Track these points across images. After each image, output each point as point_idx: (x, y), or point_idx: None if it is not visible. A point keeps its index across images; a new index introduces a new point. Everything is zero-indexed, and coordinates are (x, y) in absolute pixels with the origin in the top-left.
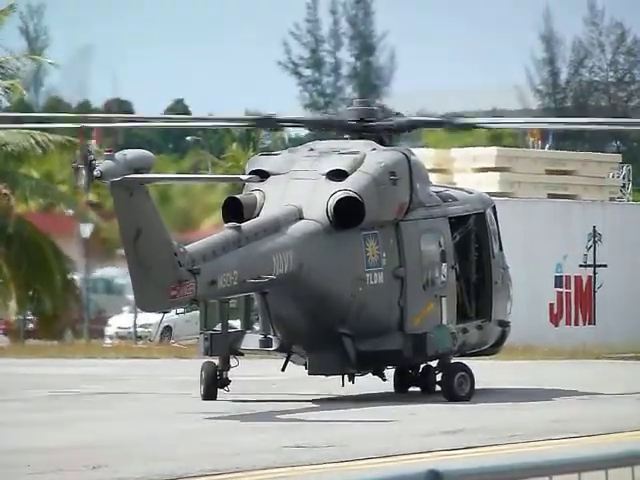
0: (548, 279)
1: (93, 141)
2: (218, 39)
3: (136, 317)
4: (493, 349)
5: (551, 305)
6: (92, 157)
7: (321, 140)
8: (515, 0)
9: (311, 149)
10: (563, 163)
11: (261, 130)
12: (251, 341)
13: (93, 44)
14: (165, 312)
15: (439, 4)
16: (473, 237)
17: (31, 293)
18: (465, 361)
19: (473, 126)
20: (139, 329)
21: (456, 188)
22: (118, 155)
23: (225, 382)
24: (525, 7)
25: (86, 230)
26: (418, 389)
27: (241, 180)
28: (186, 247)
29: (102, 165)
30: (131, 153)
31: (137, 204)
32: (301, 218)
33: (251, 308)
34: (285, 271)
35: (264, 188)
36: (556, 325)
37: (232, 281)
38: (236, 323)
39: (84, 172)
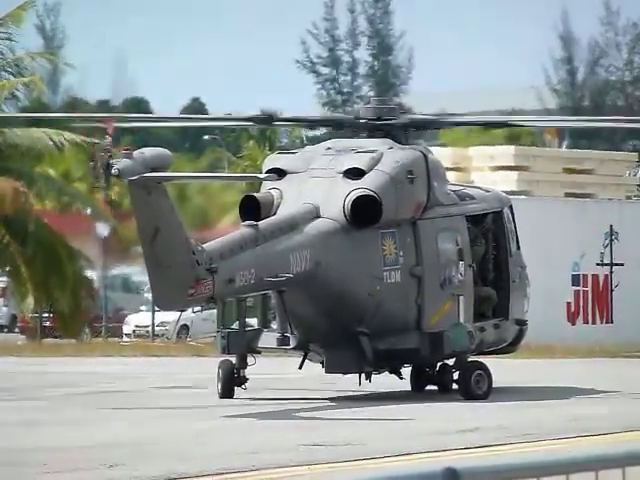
0: (565, 277)
1: (110, 139)
2: (235, 37)
3: (154, 315)
4: (510, 347)
5: (568, 304)
6: (109, 155)
7: (338, 139)
8: (532, 0)
9: (328, 147)
10: (580, 162)
11: (278, 128)
12: (268, 339)
13: (111, 44)
14: (182, 310)
15: (456, 4)
16: (490, 236)
17: (48, 291)
18: (482, 359)
19: (487, 124)
20: (157, 327)
21: (473, 187)
22: (136, 154)
23: (242, 380)
24: (542, 7)
25: (104, 229)
26: (435, 387)
27: (259, 179)
28: (204, 245)
29: (120, 163)
30: (149, 152)
31: (155, 203)
32: (318, 216)
33: (268, 306)
34: (302, 269)
35: (281, 186)
36: (573, 324)
37: (249, 279)
38: (253, 321)
39: (102, 170)
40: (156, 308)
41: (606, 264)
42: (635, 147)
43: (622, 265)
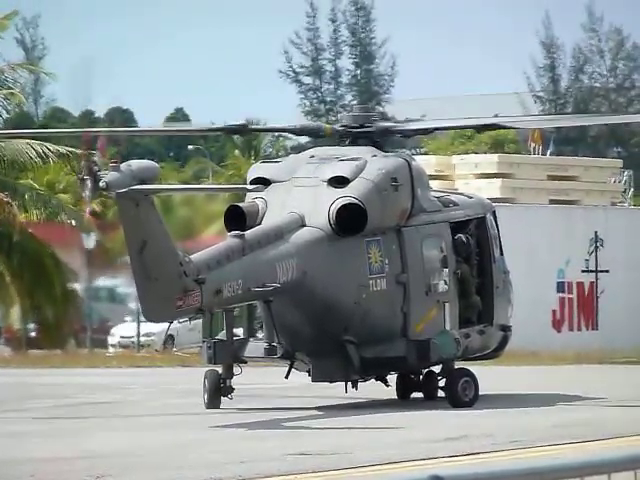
0: (550, 285)
1: (98, 152)
2: (218, 47)
3: (139, 326)
4: (495, 353)
5: (554, 311)
6: (97, 168)
7: (322, 147)
8: (515, 7)
9: (312, 156)
10: (565, 169)
11: (262, 137)
12: (255, 349)
13: (93, 55)
14: (171, 322)
15: (439, 11)
16: (474, 242)
17: (33, 302)
18: (467, 366)
19: (465, 128)
20: (142, 338)
21: (456, 193)
22: (123, 166)
23: (228, 390)
24: (525, 14)
25: (89, 240)
26: (421, 395)
27: (247, 190)
28: (191, 257)
29: (108, 176)
30: (136, 164)
31: (143, 215)
32: (303, 225)
33: (254, 316)
34: (289, 279)
35: (266, 196)
36: (559, 331)
37: (237, 290)
38: (238, 331)
39: (89, 183)
40: (142, 319)
41: (591, 271)
42: (619, 154)
43: (607, 272)
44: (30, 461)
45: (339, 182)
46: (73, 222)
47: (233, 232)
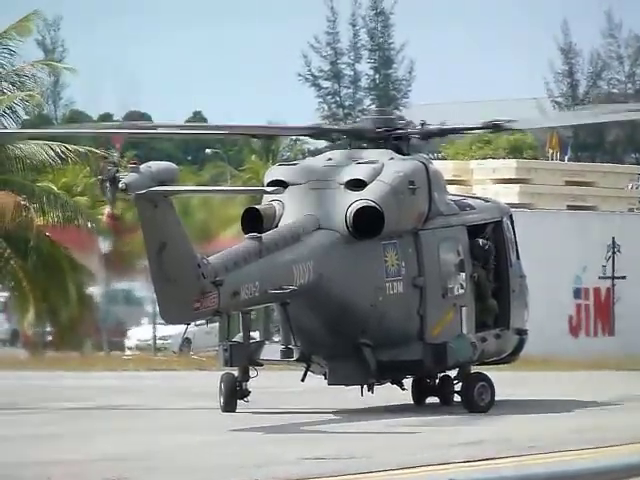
0: (567, 291)
1: (116, 153)
2: (237, 50)
3: (155, 329)
4: (511, 357)
5: (570, 317)
6: (116, 170)
7: (339, 150)
8: (533, 12)
9: (329, 158)
10: (582, 174)
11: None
12: (272, 352)
13: (111, 57)
14: (188, 324)
15: (457, 16)
16: (491, 245)
17: (49, 305)
18: (484, 371)
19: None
20: (159, 341)
21: (473, 197)
22: (143, 167)
23: (245, 393)
24: (543, 20)
25: (106, 243)
26: (436, 399)
27: (265, 192)
28: (208, 258)
29: (127, 177)
30: (156, 165)
31: (161, 216)
32: (320, 228)
33: (271, 319)
34: (306, 281)
35: (283, 198)
36: (576, 336)
37: (254, 292)
38: (255, 334)
39: (109, 185)
40: (158, 321)
41: (608, 277)
42: (637, 160)
43: (624, 278)
44: (47, 463)
45: (356, 185)
46: (89, 224)
47: (250, 234)
